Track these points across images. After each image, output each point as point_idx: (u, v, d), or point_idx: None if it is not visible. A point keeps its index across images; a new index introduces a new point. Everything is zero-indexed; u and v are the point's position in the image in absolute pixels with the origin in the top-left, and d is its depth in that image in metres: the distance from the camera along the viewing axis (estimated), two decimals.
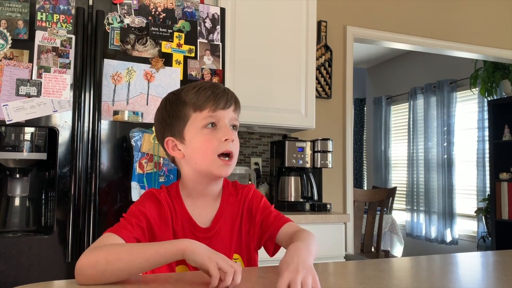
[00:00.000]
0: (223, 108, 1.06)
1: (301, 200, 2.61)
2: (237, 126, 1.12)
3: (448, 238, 5.05)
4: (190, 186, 1.11)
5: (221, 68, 1.97)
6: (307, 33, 2.73)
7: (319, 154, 2.62)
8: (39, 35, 1.69)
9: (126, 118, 1.79)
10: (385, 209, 4.01)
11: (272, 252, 1.13)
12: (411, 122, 5.68)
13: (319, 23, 3.10)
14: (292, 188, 2.62)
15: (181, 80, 1.88)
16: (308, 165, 2.62)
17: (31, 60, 1.67)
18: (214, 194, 1.13)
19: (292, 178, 2.63)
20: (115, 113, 1.78)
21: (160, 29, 1.87)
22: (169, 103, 1.10)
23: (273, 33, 2.64)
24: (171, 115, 1.08)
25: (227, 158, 1.06)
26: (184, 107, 1.07)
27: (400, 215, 5.70)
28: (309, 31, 2.73)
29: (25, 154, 1.73)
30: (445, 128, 5.16)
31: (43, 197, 1.82)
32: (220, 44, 1.99)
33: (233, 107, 1.09)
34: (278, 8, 2.66)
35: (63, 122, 1.71)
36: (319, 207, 2.56)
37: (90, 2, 1.78)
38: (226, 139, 1.05)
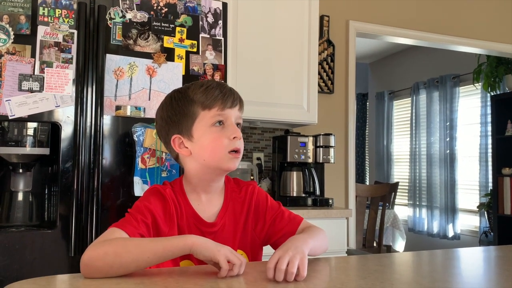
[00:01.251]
0: (230, 107, 1.09)
1: (303, 195, 2.61)
2: (241, 125, 1.15)
3: (450, 233, 5.06)
4: (195, 181, 1.12)
5: (223, 63, 1.97)
6: (310, 28, 2.72)
7: (321, 149, 2.61)
8: (41, 30, 1.69)
9: (128, 113, 1.79)
10: (387, 204, 4.01)
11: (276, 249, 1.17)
12: (413, 117, 5.67)
13: (321, 18, 3.09)
14: (294, 183, 2.62)
15: (183, 75, 1.88)
16: (310, 160, 2.62)
17: (33, 55, 1.68)
18: (218, 189, 1.16)
19: (294, 173, 2.63)
20: (118, 108, 1.78)
21: (162, 24, 1.86)
22: (175, 101, 1.11)
23: (275, 28, 2.64)
24: (178, 113, 1.10)
25: (234, 152, 1.09)
26: (192, 105, 1.09)
27: (402, 210, 5.70)
28: (311, 25, 2.72)
29: (28, 149, 1.74)
30: (448, 123, 5.14)
31: (46, 192, 1.83)
32: (222, 39, 1.98)
33: (238, 106, 1.12)
34: (280, 3, 2.65)
35: (65, 117, 1.71)
36: (321, 202, 2.56)
37: None
38: (234, 137, 1.08)
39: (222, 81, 1.18)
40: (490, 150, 4.50)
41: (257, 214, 1.17)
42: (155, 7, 1.86)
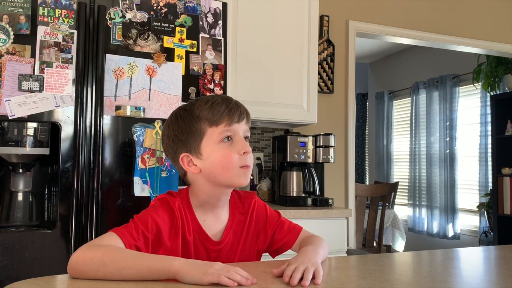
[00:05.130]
0: (237, 122, 1.08)
1: (303, 195, 2.61)
2: (249, 137, 1.13)
3: (450, 233, 5.06)
4: (203, 198, 1.11)
5: (223, 63, 1.97)
6: (309, 28, 2.72)
7: (321, 149, 2.61)
8: (41, 30, 1.69)
9: (128, 113, 1.79)
10: (387, 204, 4.02)
11: (274, 256, 1.22)
12: (413, 117, 5.67)
13: (321, 18, 3.09)
14: (294, 183, 2.62)
15: (183, 75, 1.88)
16: (310, 160, 2.62)
17: (33, 55, 1.68)
18: (224, 204, 1.16)
19: (294, 173, 2.63)
20: (117, 108, 1.78)
21: (162, 24, 1.86)
22: (181, 119, 1.09)
23: (275, 28, 2.64)
24: (185, 131, 1.08)
25: (245, 166, 1.08)
26: (198, 123, 1.07)
27: (402, 210, 5.70)
28: (311, 25, 2.72)
29: (28, 149, 1.74)
30: (448, 123, 5.14)
31: (46, 192, 1.83)
32: (222, 39, 1.98)
33: (245, 120, 1.11)
34: (280, 3, 2.65)
35: (65, 117, 1.71)
36: (321, 202, 2.56)
37: None
38: (244, 152, 1.07)
39: (227, 95, 1.17)
40: (490, 150, 4.50)
41: (257, 225, 1.18)
42: (155, 7, 1.86)
